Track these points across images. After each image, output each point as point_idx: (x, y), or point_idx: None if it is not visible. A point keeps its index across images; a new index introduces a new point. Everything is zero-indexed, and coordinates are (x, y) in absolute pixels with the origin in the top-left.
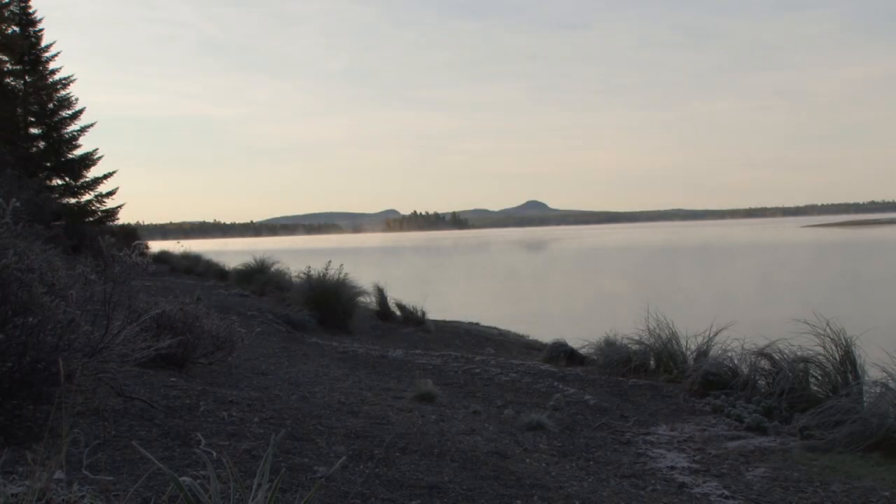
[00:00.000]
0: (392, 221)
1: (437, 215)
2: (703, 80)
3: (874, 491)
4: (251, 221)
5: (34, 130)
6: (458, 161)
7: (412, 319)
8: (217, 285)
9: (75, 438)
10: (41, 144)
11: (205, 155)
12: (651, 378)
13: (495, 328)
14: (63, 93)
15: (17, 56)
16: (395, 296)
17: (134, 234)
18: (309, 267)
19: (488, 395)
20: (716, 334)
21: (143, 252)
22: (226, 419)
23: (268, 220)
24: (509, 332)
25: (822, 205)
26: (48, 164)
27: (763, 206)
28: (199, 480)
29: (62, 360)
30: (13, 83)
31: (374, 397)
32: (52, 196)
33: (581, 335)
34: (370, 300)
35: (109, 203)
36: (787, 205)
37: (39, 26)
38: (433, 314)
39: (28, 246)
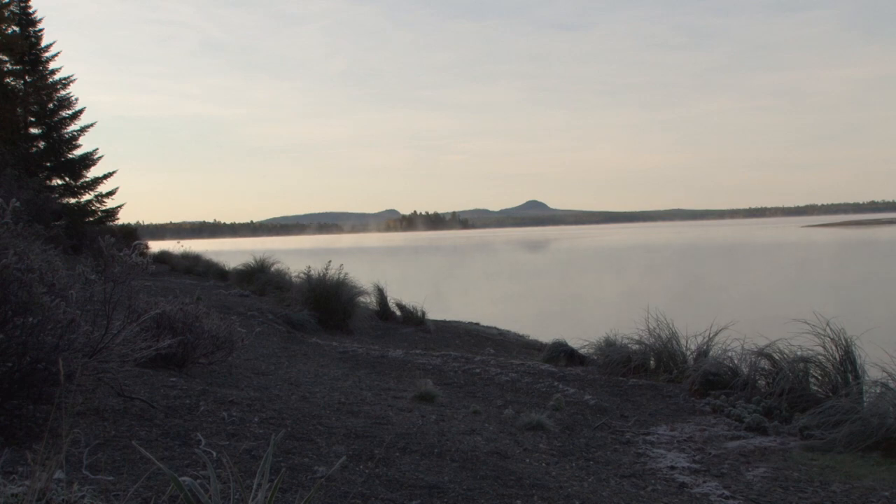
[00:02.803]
0: (393, 221)
1: (437, 215)
2: (703, 80)
3: (874, 491)
4: (251, 221)
5: (34, 130)
6: (458, 161)
7: (412, 319)
8: (217, 285)
9: (75, 438)
10: (41, 144)
11: (205, 155)
12: (651, 378)
13: (495, 328)
14: (63, 93)
15: (17, 56)
16: (395, 296)
17: (134, 234)
18: (309, 267)
19: (488, 395)
20: (716, 334)
21: (143, 252)
22: (226, 419)
23: (268, 221)
24: (509, 332)
25: (822, 205)
26: (48, 164)
27: (763, 206)
28: (199, 480)
29: (62, 360)
30: (13, 83)
31: (374, 397)
32: (53, 196)
33: (581, 335)
34: (370, 300)
35: (109, 203)
36: (787, 205)
37: (39, 26)
38: (433, 314)
39: (28, 246)
